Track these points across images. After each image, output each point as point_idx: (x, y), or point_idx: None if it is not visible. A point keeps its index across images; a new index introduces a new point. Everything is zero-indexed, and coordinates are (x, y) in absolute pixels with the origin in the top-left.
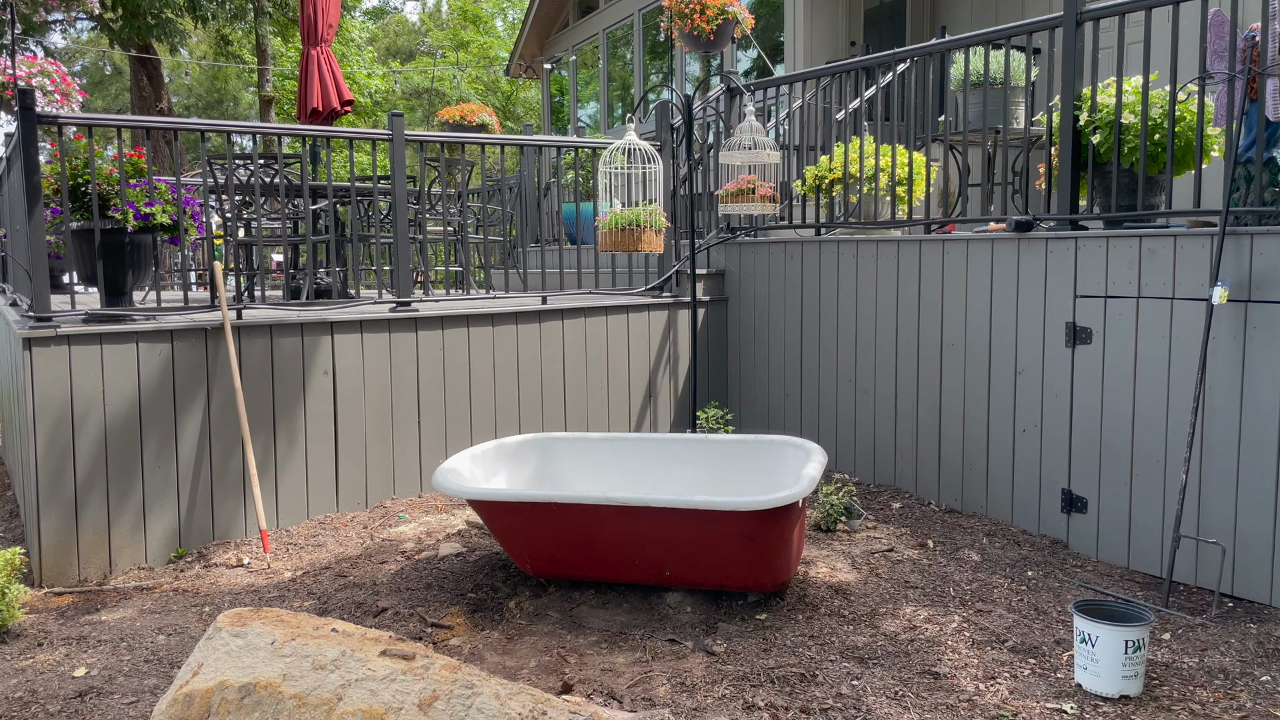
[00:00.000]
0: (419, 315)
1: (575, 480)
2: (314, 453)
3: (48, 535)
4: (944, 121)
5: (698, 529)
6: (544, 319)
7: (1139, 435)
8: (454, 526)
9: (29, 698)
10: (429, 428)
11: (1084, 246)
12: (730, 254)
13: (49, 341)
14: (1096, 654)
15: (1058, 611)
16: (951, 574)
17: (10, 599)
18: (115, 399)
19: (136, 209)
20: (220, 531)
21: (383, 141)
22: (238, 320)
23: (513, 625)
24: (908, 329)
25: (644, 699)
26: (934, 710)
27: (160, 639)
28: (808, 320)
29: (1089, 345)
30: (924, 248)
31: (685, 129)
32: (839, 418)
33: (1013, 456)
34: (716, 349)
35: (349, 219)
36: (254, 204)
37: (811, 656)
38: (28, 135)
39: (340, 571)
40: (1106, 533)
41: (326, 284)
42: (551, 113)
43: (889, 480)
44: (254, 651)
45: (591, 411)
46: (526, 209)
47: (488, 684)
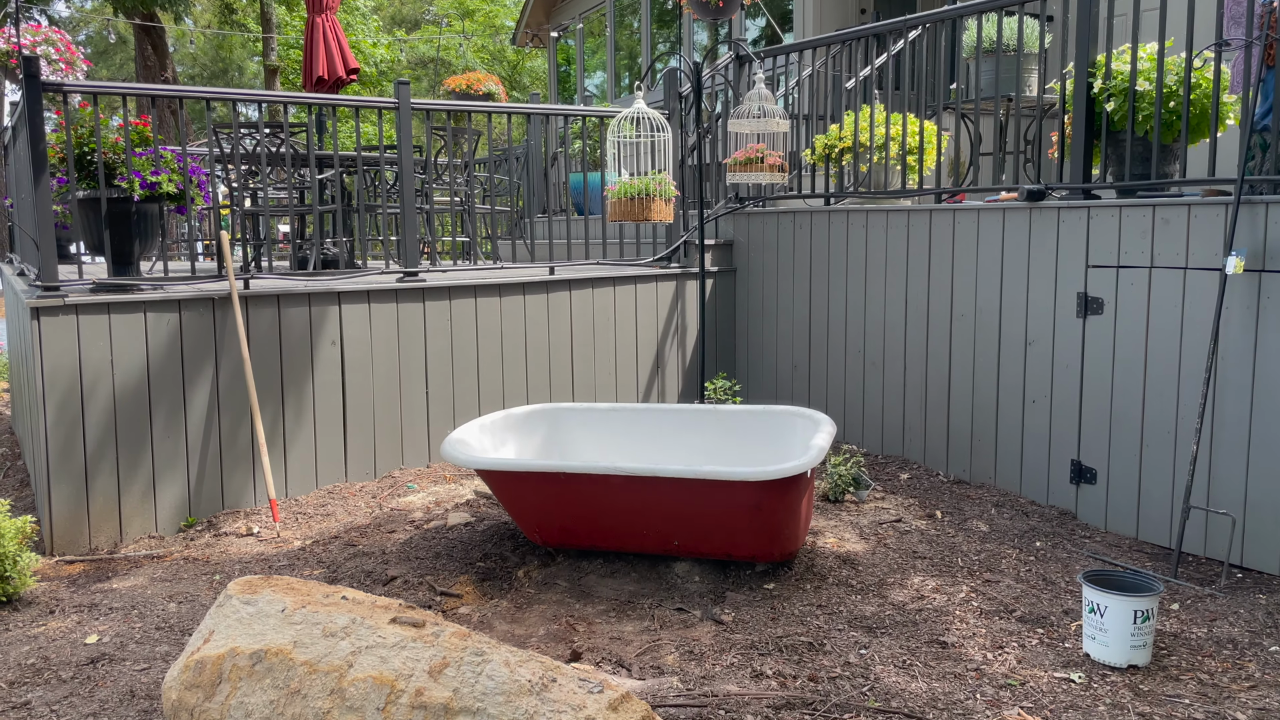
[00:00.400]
0: (426, 286)
1: (583, 450)
2: (322, 423)
3: (58, 504)
4: (955, 89)
5: (706, 499)
6: (552, 290)
7: (1149, 406)
8: (462, 496)
9: (41, 664)
10: (437, 398)
11: (1096, 216)
12: (739, 224)
13: (57, 311)
14: (1105, 624)
15: (1066, 582)
16: (959, 544)
17: (22, 567)
18: (124, 368)
19: (142, 178)
20: (230, 501)
21: (389, 110)
22: (245, 290)
23: (521, 594)
24: (917, 299)
25: (652, 667)
26: (942, 679)
27: (171, 606)
28: (816, 291)
29: (1100, 316)
30: (934, 217)
31: (694, 97)
32: (847, 389)
33: (1022, 427)
34: (725, 320)
35: (355, 189)
36: (260, 174)
37: (819, 625)
38: (33, 103)
39: (349, 540)
40: (1115, 503)
41: (333, 254)
42: (558, 82)
43: (897, 451)
44: (265, 619)
45: (599, 382)
46: (533, 179)
47: (498, 651)
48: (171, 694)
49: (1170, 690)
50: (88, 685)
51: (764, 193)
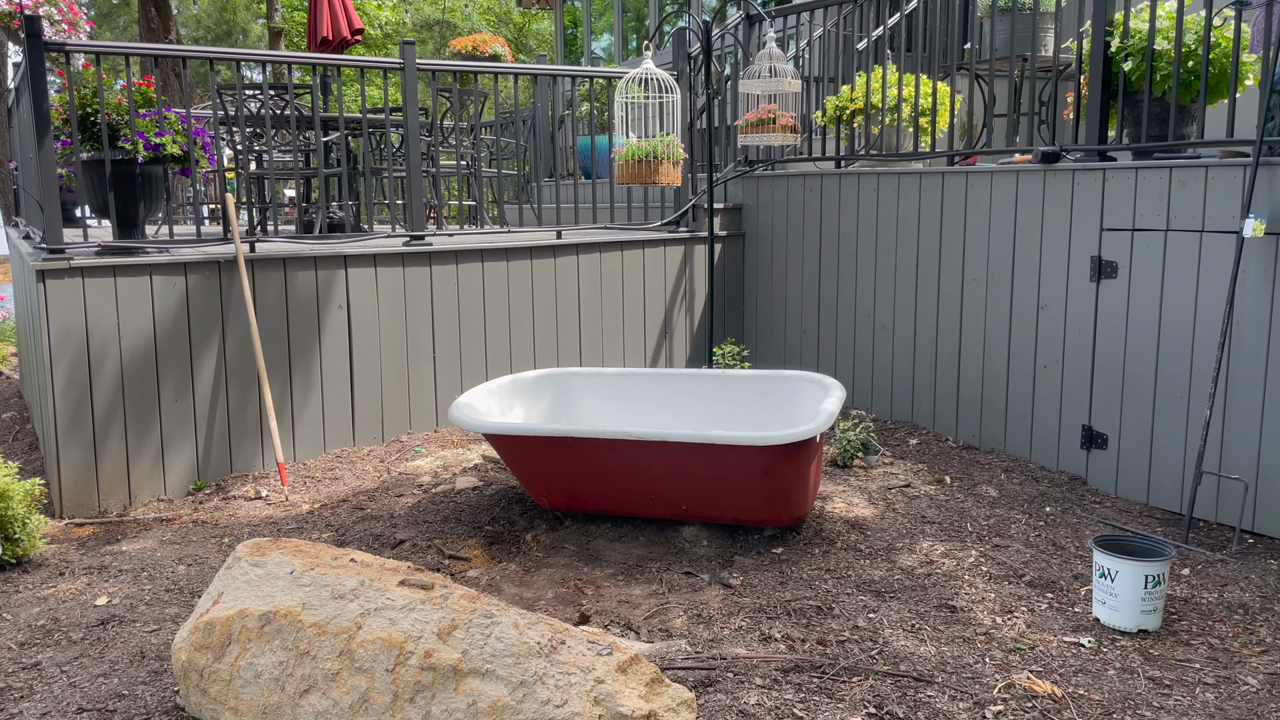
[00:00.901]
0: (433, 249)
1: (592, 415)
2: (330, 387)
3: (67, 468)
4: (969, 49)
5: (714, 464)
6: (559, 254)
7: (1163, 371)
8: (470, 461)
9: (51, 625)
10: (444, 363)
11: (1112, 178)
12: (748, 187)
13: (63, 274)
14: (1115, 588)
15: (1076, 547)
16: (969, 509)
17: (31, 529)
18: (131, 332)
19: (146, 139)
20: (238, 465)
21: (394, 72)
22: (251, 254)
23: (530, 558)
24: (928, 263)
25: (661, 630)
26: (951, 643)
27: (180, 569)
28: (826, 255)
29: (1114, 279)
30: (947, 180)
31: (703, 58)
32: (857, 354)
33: (1033, 392)
34: (733, 284)
35: (360, 152)
36: (265, 136)
37: (828, 590)
38: (35, 63)
39: (357, 504)
40: (1127, 469)
41: (339, 218)
42: (565, 45)
43: (906, 417)
44: (273, 581)
45: (607, 347)
46: (540, 142)
47: (507, 614)
48: (181, 655)
49: (1181, 655)
50: (98, 646)
51: (774, 156)
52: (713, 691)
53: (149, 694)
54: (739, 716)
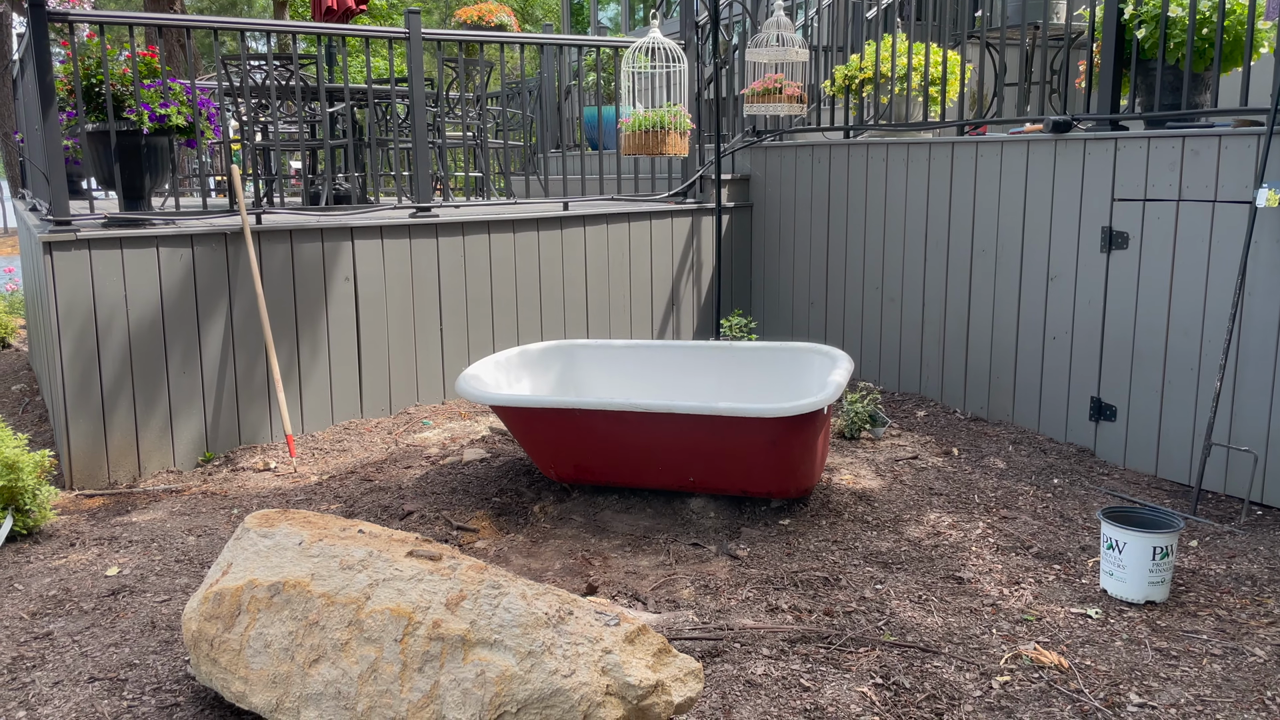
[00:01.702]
0: (439, 221)
1: (599, 387)
2: (337, 359)
3: (77, 439)
4: (980, 17)
5: (722, 435)
6: (565, 225)
7: (1173, 342)
8: (477, 433)
9: (63, 595)
10: (451, 334)
11: (1123, 147)
12: (755, 158)
13: (69, 245)
14: (1123, 560)
15: (1083, 518)
16: (976, 481)
17: (42, 500)
18: (138, 304)
19: (151, 110)
20: (247, 436)
21: (399, 41)
22: (257, 225)
23: (537, 529)
24: (937, 234)
25: (668, 601)
26: (958, 614)
27: (190, 539)
28: (834, 226)
29: (1125, 250)
30: (956, 150)
31: (711, 27)
32: (864, 325)
33: (1041, 364)
34: (740, 256)
35: (366, 123)
36: (270, 107)
37: (835, 561)
38: (39, 33)
39: (365, 476)
40: (1135, 441)
41: (345, 190)
42: (571, 14)
43: (914, 388)
44: (282, 551)
45: (614, 319)
46: (546, 113)
47: (514, 584)
48: (191, 625)
49: (1188, 626)
50: (109, 616)
51: (781, 126)
52: (720, 662)
53: (160, 663)
54: (746, 686)
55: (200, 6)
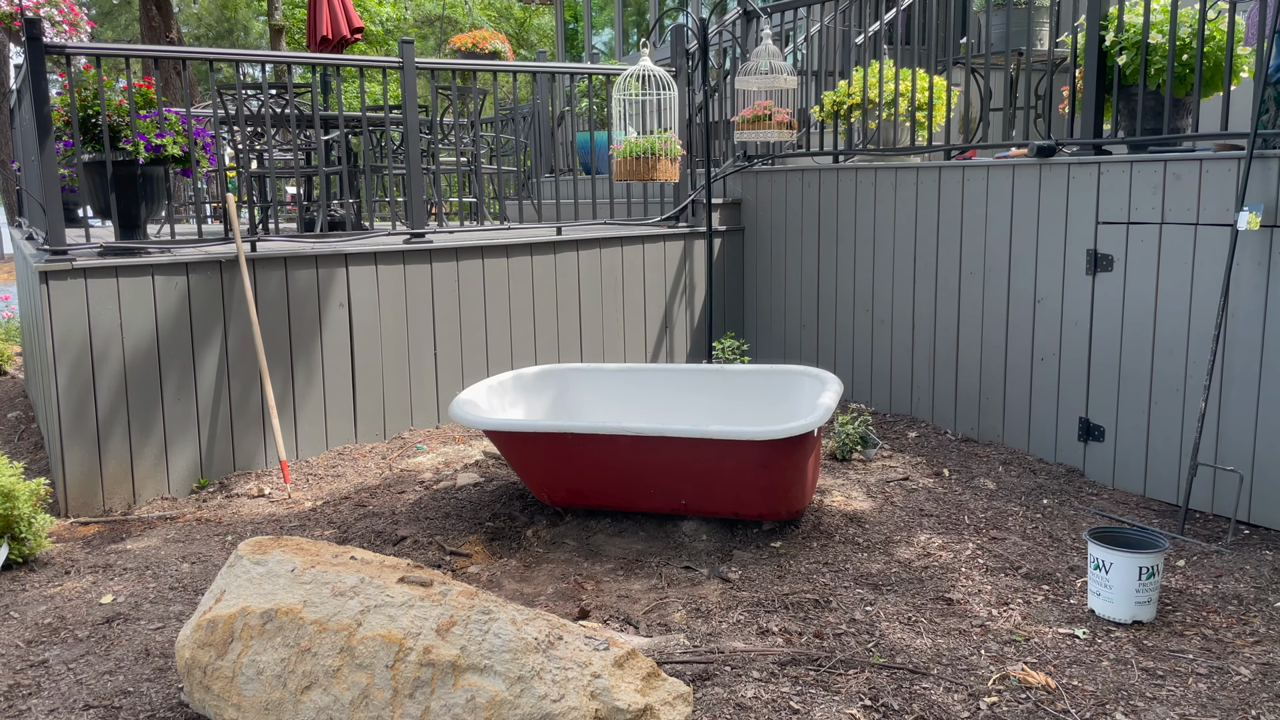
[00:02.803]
0: (433, 247)
1: (592, 411)
2: (331, 385)
3: (72, 467)
4: (966, 44)
5: (713, 459)
6: (559, 250)
7: (1159, 363)
8: (471, 457)
9: (58, 623)
10: (445, 360)
11: (1107, 171)
12: (746, 183)
13: (65, 275)
14: (1110, 580)
15: (1072, 539)
16: (966, 502)
17: (37, 528)
18: (133, 332)
19: (147, 140)
20: (241, 463)
21: (394, 70)
22: (252, 253)
23: (530, 553)
24: (926, 257)
25: (660, 624)
26: (947, 635)
27: (184, 567)
28: (825, 249)
29: (1110, 272)
30: (944, 174)
31: (700, 54)
32: (855, 348)
33: (1030, 385)
34: (733, 279)
35: (361, 149)
36: (265, 135)
37: (825, 583)
38: (36, 66)
39: (359, 501)
40: (1123, 461)
41: (340, 216)
42: (565, 40)
43: (905, 410)
44: (275, 579)
45: (607, 343)
46: (540, 138)
47: (504, 610)
48: (185, 652)
49: (1175, 645)
50: (104, 644)
51: (772, 151)
52: (710, 685)
53: (154, 691)
54: (736, 710)
55: (197, 33)
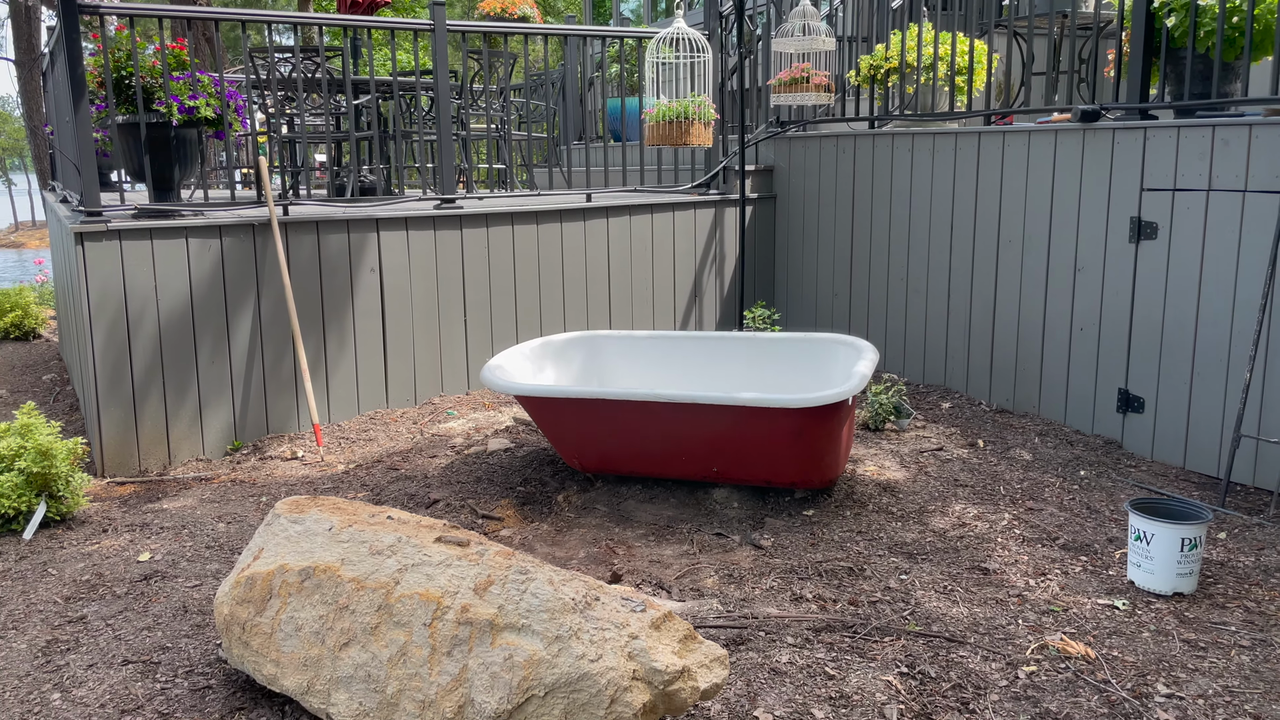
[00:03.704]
0: (463, 213)
1: (622, 377)
2: (363, 349)
3: (108, 428)
4: (1007, 6)
5: (746, 426)
6: (588, 217)
7: (1202, 333)
8: (501, 423)
9: (96, 580)
10: (475, 326)
11: (1153, 137)
12: (779, 149)
13: (100, 236)
14: (1151, 551)
15: (1110, 510)
16: (1002, 473)
17: (74, 487)
18: (168, 294)
19: (180, 102)
20: (274, 426)
21: (424, 32)
22: (284, 217)
23: (561, 518)
24: (963, 225)
25: (692, 590)
26: (983, 604)
27: (220, 526)
28: (859, 217)
29: (1154, 241)
30: (983, 140)
31: (735, 17)
32: (889, 317)
33: (1068, 356)
34: (764, 247)
35: (391, 115)
36: (296, 100)
37: (859, 551)
38: (69, 25)
39: (391, 465)
40: (1163, 433)
41: (370, 182)
42: (593, 6)
43: (939, 380)
44: (312, 537)
45: (636, 310)
46: (569, 105)
47: (541, 570)
48: (224, 609)
49: (1216, 618)
50: (142, 601)
51: (806, 116)
52: (744, 650)
53: (192, 647)
54: (771, 674)
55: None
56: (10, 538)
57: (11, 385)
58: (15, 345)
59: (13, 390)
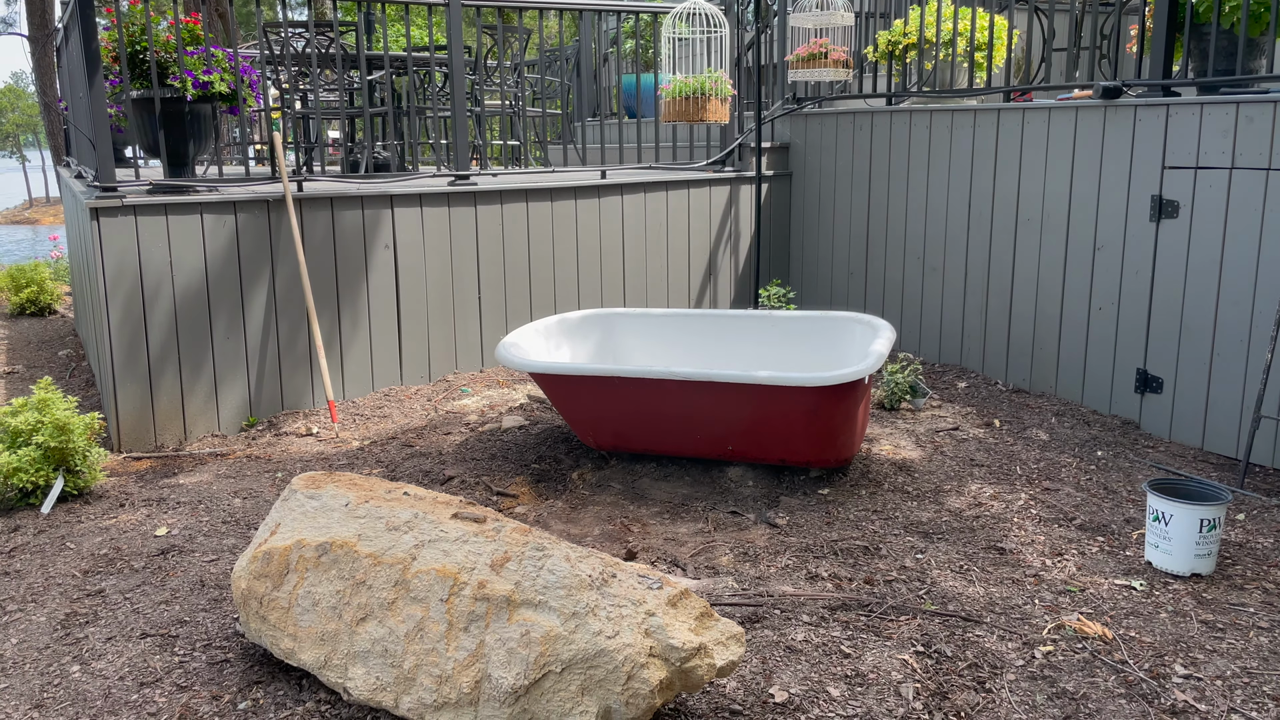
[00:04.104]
0: (478, 189)
1: (637, 355)
2: (377, 326)
3: (124, 403)
4: None
5: (762, 404)
6: (603, 194)
7: (1223, 313)
8: (515, 400)
9: (114, 554)
10: (489, 303)
11: (1176, 114)
12: (796, 126)
13: (115, 212)
14: (1169, 532)
15: (1128, 491)
16: (1018, 453)
17: (92, 461)
18: (183, 270)
19: (195, 77)
20: (290, 402)
21: (438, 8)
22: (298, 193)
23: (576, 495)
24: (981, 204)
25: (707, 567)
26: (999, 584)
27: (236, 502)
28: (875, 195)
29: (1175, 219)
30: (1002, 117)
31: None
32: (905, 296)
33: (1086, 335)
34: (779, 225)
35: (404, 90)
36: (310, 75)
37: (875, 530)
38: (84, 1)
39: (406, 441)
40: (1182, 413)
41: (384, 158)
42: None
43: (955, 360)
44: (329, 513)
45: (651, 288)
46: (584, 81)
47: (558, 547)
48: (241, 583)
49: (1234, 599)
50: (159, 575)
51: (823, 93)
52: (760, 627)
53: (209, 621)
54: (786, 652)
55: None
56: (29, 512)
57: (28, 361)
58: (31, 321)
59: (29, 366)
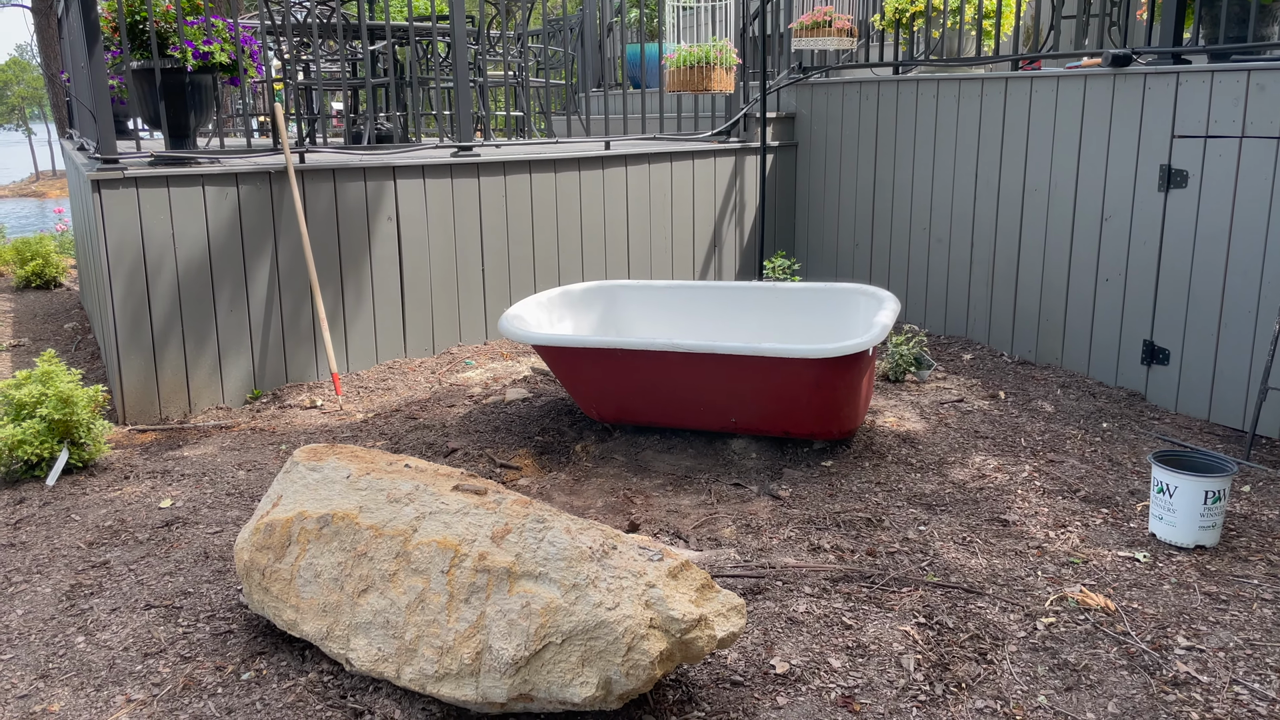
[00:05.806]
0: (481, 161)
1: (641, 327)
2: (381, 299)
3: (129, 376)
4: None
5: (765, 376)
6: (607, 165)
7: (1231, 284)
8: (519, 373)
9: (119, 526)
10: (493, 275)
11: (1185, 82)
12: (801, 96)
13: (117, 184)
14: (1174, 504)
15: (1132, 463)
16: (1023, 425)
17: (96, 434)
18: (186, 242)
19: (195, 47)
20: (294, 375)
21: None
22: (301, 164)
23: (579, 467)
24: (988, 173)
25: (710, 539)
26: (1002, 556)
27: (240, 474)
28: (881, 165)
29: (1184, 189)
30: (1010, 86)
31: None
32: (910, 267)
33: (1093, 307)
34: (784, 196)
35: (407, 61)
36: (312, 45)
37: (878, 502)
38: None
39: (410, 414)
40: (1188, 385)
41: (387, 129)
42: None
43: (960, 331)
44: (330, 485)
45: (655, 260)
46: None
47: (559, 519)
48: (244, 555)
49: (1238, 571)
50: (163, 546)
51: (829, 62)
52: (762, 599)
53: (213, 592)
54: (788, 623)
55: None
56: (34, 484)
57: (33, 334)
58: (37, 294)
59: (34, 338)
